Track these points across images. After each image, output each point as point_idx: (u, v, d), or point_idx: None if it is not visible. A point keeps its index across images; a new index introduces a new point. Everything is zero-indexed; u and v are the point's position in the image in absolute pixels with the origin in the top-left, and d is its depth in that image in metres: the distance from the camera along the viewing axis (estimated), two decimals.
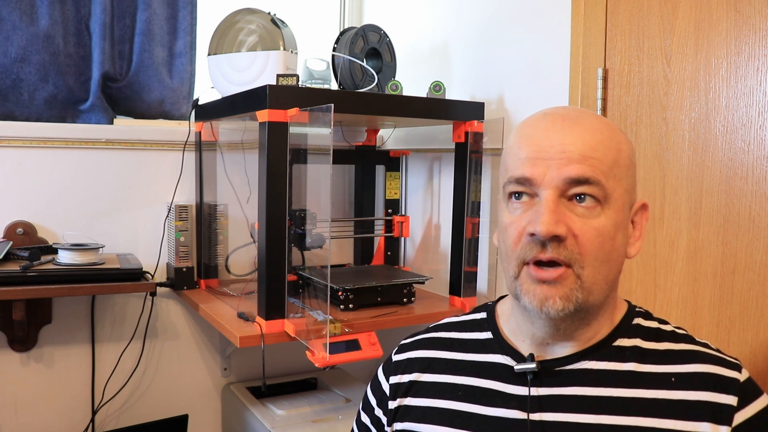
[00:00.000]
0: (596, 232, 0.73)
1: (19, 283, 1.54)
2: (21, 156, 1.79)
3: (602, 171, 0.74)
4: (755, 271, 1.20)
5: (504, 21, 1.77)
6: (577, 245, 0.73)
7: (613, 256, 0.75)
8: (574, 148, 0.73)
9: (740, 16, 1.21)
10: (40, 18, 1.79)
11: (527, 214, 0.75)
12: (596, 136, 0.75)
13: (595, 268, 0.74)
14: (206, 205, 1.95)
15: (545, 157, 0.74)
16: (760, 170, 1.19)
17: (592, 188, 0.73)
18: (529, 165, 0.75)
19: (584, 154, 0.73)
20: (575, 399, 0.77)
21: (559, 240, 0.72)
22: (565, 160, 0.73)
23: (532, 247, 0.74)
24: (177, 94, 1.99)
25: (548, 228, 0.71)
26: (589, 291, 0.74)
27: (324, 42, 1.97)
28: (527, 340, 0.82)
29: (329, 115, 1.36)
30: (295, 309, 1.59)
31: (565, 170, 0.73)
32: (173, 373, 2.00)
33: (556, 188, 0.73)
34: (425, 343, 0.92)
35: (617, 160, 0.75)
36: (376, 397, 0.94)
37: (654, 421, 0.73)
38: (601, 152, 0.74)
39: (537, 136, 0.76)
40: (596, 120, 0.78)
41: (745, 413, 0.72)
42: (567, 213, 0.73)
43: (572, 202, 0.74)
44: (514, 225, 0.76)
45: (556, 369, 0.79)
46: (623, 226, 0.77)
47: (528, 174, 0.74)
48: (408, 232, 2.01)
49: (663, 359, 0.77)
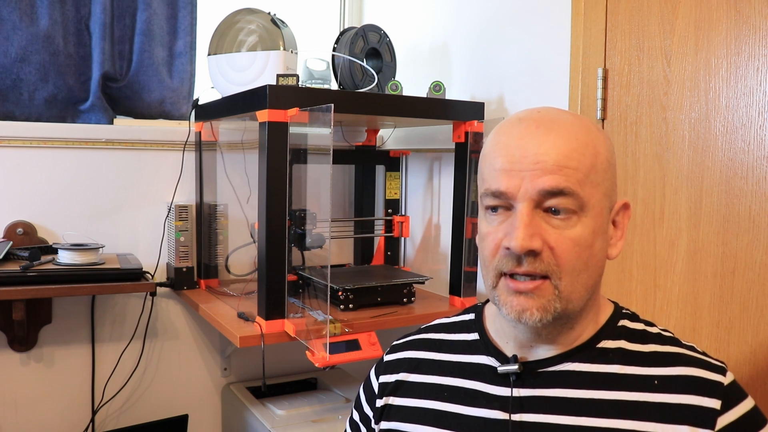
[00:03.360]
0: (573, 242, 0.72)
1: (19, 283, 1.54)
2: (21, 156, 1.79)
3: (578, 180, 0.72)
4: (755, 271, 1.20)
5: (504, 21, 1.77)
6: (553, 257, 0.72)
7: (591, 262, 0.75)
8: (547, 158, 0.72)
9: (740, 16, 1.21)
10: (40, 18, 1.79)
11: (503, 226, 0.74)
12: (571, 143, 0.73)
13: (573, 278, 0.73)
14: (206, 205, 1.95)
15: (519, 168, 0.73)
16: (760, 170, 1.19)
17: (567, 199, 0.72)
18: (504, 177, 0.73)
19: (559, 164, 0.72)
20: (556, 400, 0.77)
21: (534, 254, 0.72)
22: (538, 171, 0.72)
23: (509, 260, 0.73)
24: (177, 94, 1.99)
25: (522, 243, 0.71)
26: (568, 300, 0.74)
27: (324, 42, 1.97)
28: (511, 342, 0.82)
29: (329, 115, 1.36)
30: (295, 309, 1.59)
31: (538, 182, 0.71)
32: (173, 373, 2.00)
33: (530, 200, 0.72)
34: (415, 344, 0.93)
35: (594, 165, 0.74)
36: (366, 395, 0.95)
37: (634, 423, 0.73)
38: (576, 160, 0.72)
39: (510, 145, 0.74)
40: (571, 124, 0.75)
41: (729, 417, 0.72)
42: (542, 225, 0.72)
43: (547, 213, 0.73)
44: (491, 236, 0.76)
45: (539, 370, 0.79)
46: (602, 231, 0.76)
47: (503, 188, 0.73)
48: (408, 232, 2.01)
49: (647, 361, 0.77)
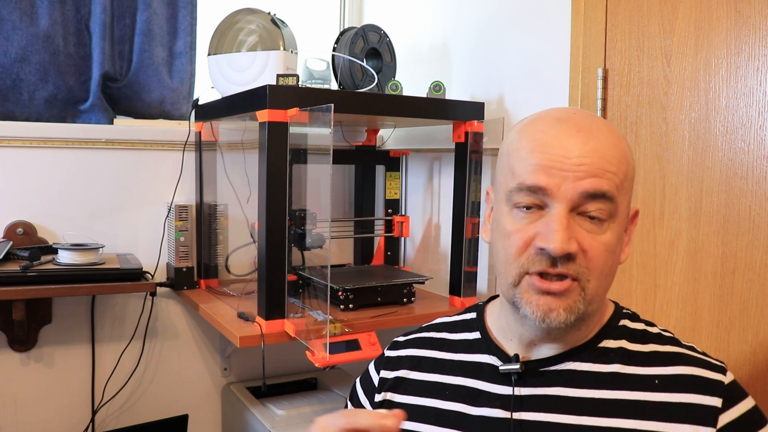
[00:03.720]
0: (604, 247, 0.73)
1: (19, 283, 1.54)
2: (21, 156, 1.79)
3: (616, 185, 0.72)
4: (755, 271, 1.20)
5: (504, 21, 1.77)
6: (585, 260, 0.72)
7: (614, 268, 0.76)
8: (590, 161, 0.71)
9: (740, 16, 1.21)
10: (40, 18, 1.79)
11: (534, 225, 0.73)
12: (611, 149, 0.73)
13: (600, 281, 0.74)
14: (206, 205, 1.95)
15: (560, 167, 0.71)
16: (760, 170, 1.19)
17: (606, 204, 0.72)
18: (543, 174, 0.72)
19: (602, 168, 0.71)
20: (558, 399, 0.77)
21: (569, 257, 0.71)
22: (582, 173, 0.71)
23: (541, 261, 0.72)
24: (177, 94, 1.99)
25: (562, 246, 0.70)
26: (590, 302, 0.74)
27: (324, 42, 1.97)
28: (515, 340, 0.82)
29: (329, 115, 1.36)
30: (295, 309, 1.59)
31: (582, 183, 0.71)
32: (173, 373, 2.00)
33: (570, 201, 0.71)
34: (417, 342, 0.93)
35: (627, 173, 0.75)
36: (364, 388, 0.95)
37: (635, 422, 0.73)
38: (616, 166, 0.73)
39: (551, 144, 0.73)
40: (609, 131, 0.76)
41: (730, 415, 0.72)
42: (577, 228, 0.72)
43: (582, 216, 0.72)
44: (519, 234, 0.74)
45: (541, 369, 0.79)
46: (622, 237, 0.77)
47: (542, 183, 0.72)
48: (408, 232, 2.01)
49: (648, 361, 0.77)
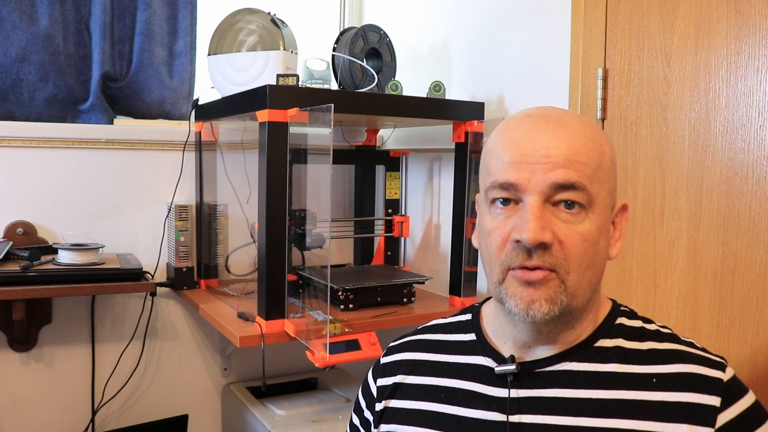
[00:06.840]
0: (581, 237, 0.72)
1: (19, 283, 1.54)
2: (21, 156, 1.79)
3: (587, 175, 0.73)
4: (755, 271, 1.20)
5: (504, 21, 1.77)
6: (562, 251, 0.72)
7: (596, 260, 0.75)
8: (558, 152, 0.72)
9: (740, 16, 1.21)
10: (40, 18, 1.79)
11: (511, 220, 0.74)
12: (580, 139, 0.74)
13: (580, 273, 0.73)
14: (206, 205, 1.95)
15: (529, 161, 0.73)
16: (760, 170, 1.19)
17: (578, 193, 0.72)
18: (513, 169, 0.73)
19: (569, 158, 0.72)
20: (554, 401, 0.76)
21: (544, 247, 0.72)
22: (550, 165, 0.72)
23: (518, 254, 0.73)
24: (177, 94, 1.99)
25: (534, 235, 0.70)
26: (573, 295, 0.74)
27: (324, 42, 1.97)
28: (509, 342, 0.82)
29: (329, 115, 1.36)
30: (295, 309, 1.59)
31: (550, 175, 0.72)
32: (173, 373, 2.00)
33: (541, 193, 0.72)
34: (411, 345, 0.92)
35: (600, 163, 0.75)
36: (366, 400, 0.94)
37: (633, 423, 0.72)
38: (586, 156, 0.73)
39: (520, 139, 0.74)
40: (579, 122, 0.76)
41: (729, 414, 0.71)
42: (552, 219, 0.72)
43: (557, 207, 0.73)
44: (497, 231, 0.75)
45: (536, 370, 0.79)
46: (605, 229, 0.76)
47: (512, 179, 0.73)
48: (408, 232, 2.01)
49: (646, 359, 0.77)
